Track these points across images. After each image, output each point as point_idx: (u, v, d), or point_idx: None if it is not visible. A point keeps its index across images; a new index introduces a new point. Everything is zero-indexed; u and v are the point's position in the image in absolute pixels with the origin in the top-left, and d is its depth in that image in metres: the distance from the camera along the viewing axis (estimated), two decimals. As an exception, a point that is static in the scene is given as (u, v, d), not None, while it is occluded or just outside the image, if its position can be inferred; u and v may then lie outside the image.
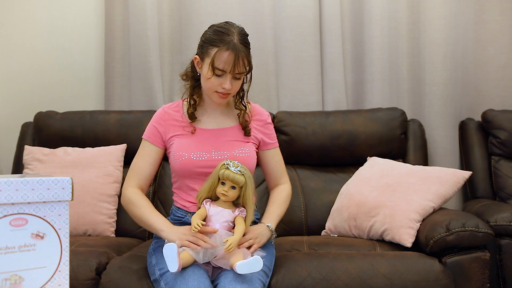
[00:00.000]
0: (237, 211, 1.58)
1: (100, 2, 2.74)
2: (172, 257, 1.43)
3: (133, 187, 1.75)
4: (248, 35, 1.71)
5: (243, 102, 1.79)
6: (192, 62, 1.78)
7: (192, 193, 1.70)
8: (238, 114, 1.79)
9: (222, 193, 1.56)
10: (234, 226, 1.57)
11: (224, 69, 1.63)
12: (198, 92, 1.79)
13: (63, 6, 2.76)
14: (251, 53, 1.70)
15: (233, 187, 1.55)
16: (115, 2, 2.69)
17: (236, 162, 1.58)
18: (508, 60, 2.62)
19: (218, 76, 1.65)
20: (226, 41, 1.62)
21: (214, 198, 1.60)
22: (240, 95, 1.79)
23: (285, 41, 2.62)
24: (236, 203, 1.60)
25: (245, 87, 1.79)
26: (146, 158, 1.76)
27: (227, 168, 1.55)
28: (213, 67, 1.63)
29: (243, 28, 1.70)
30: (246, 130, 1.77)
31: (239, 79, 1.68)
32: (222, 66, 1.62)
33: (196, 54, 1.73)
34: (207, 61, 1.65)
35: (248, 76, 1.74)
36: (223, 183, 1.56)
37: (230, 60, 1.61)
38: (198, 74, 1.74)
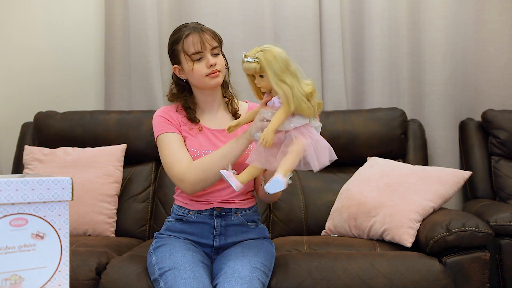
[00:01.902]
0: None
1: (100, 2, 2.74)
2: (228, 181, 1.46)
3: (188, 162, 1.65)
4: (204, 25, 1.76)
5: (229, 91, 1.82)
6: (174, 77, 1.79)
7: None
8: (226, 102, 1.81)
9: (258, 86, 1.50)
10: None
11: (197, 49, 1.67)
12: (190, 100, 1.78)
13: (63, 6, 2.76)
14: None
15: (261, 76, 1.45)
16: (115, 2, 2.69)
17: (256, 48, 1.46)
18: (508, 60, 2.62)
19: (198, 60, 1.68)
20: (184, 30, 1.70)
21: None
22: (225, 84, 1.80)
23: (285, 41, 2.61)
24: None
25: (226, 77, 1.81)
26: (175, 142, 1.69)
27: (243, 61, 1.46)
28: (189, 55, 1.67)
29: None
30: (236, 118, 1.77)
31: (218, 54, 1.71)
32: (193, 48, 1.67)
33: (174, 66, 1.76)
34: (182, 57, 1.70)
35: (225, 62, 1.77)
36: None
37: (197, 38, 1.67)
38: (185, 80, 1.76)
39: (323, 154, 1.49)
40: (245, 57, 1.45)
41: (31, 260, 1.06)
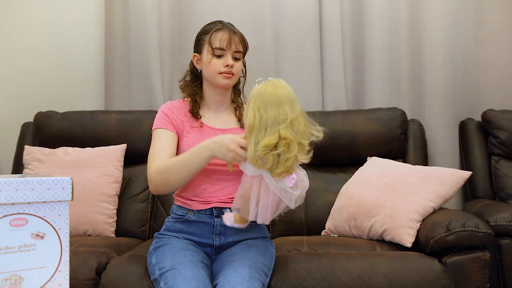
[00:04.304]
0: None
1: (100, 2, 2.74)
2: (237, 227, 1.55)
3: (158, 164, 1.67)
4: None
5: (239, 99, 1.85)
6: (191, 65, 1.83)
7: (196, 190, 1.71)
8: (235, 107, 1.83)
9: None
10: None
11: (221, 46, 1.70)
12: (200, 92, 1.81)
13: (63, 6, 2.76)
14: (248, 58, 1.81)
15: None
16: (115, 2, 2.69)
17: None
18: (508, 60, 2.62)
19: (218, 57, 1.72)
20: (218, 25, 1.75)
21: None
22: (238, 91, 1.84)
23: (285, 41, 2.62)
24: None
25: (241, 84, 1.85)
26: (164, 141, 1.71)
27: None
28: (212, 48, 1.71)
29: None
30: (241, 123, 1.79)
31: (238, 59, 1.74)
32: (219, 43, 1.71)
33: (194, 53, 1.80)
34: (205, 48, 1.73)
35: (244, 70, 1.82)
36: None
37: (226, 36, 1.71)
38: (200, 71, 1.79)
39: (262, 212, 1.44)
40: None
41: (31, 260, 1.06)
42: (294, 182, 1.39)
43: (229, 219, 1.54)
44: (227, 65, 1.71)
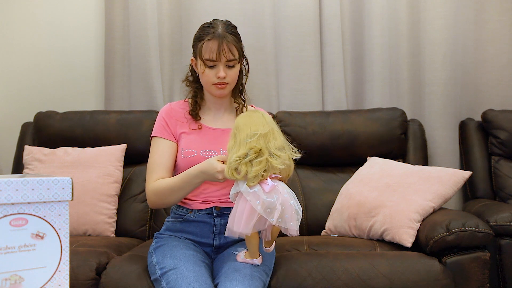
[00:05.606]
0: None
1: (100, 2, 2.74)
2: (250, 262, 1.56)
3: (155, 180, 1.71)
4: (235, 27, 1.75)
5: (242, 97, 1.83)
6: (190, 67, 1.82)
7: (196, 190, 1.70)
8: (236, 107, 1.82)
9: None
10: None
11: (211, 57, 1.67)
12: (200, 93, 1.81)
13: (63, 6, 2.76)
14: (245, 47, 1.77)
15: None
16: (115, 2, 2.69)
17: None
18: (508, 60, 2.62)
19: (210, 67, 1.69)
20: (210, 32, 1.69)
21: None
22: (240, 89, 1.82)
23: (285, 41, 2.62)
24: None
25: (244, 80, 1.82)
26: (161, 153, 1.73)
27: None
28: (203, 59, 1.68)
29: (230, 21, 1.76)
30: None
31: (232, 67, 1.71)
32: (209, 55, 1.67)
33: (192, 56, 1.78)
34: (198, 57, 1.71)
35: (246, 67, 1.79)
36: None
37: (215, 47, 1.66)
38: (198, 75, 1.78)
39: (238, 220, 1.46)
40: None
41: (31, 260, 1.06)
42: (269, 188, 1.43)
43: (240, 256, 1.58)
44: (219, 77, 1.68)
